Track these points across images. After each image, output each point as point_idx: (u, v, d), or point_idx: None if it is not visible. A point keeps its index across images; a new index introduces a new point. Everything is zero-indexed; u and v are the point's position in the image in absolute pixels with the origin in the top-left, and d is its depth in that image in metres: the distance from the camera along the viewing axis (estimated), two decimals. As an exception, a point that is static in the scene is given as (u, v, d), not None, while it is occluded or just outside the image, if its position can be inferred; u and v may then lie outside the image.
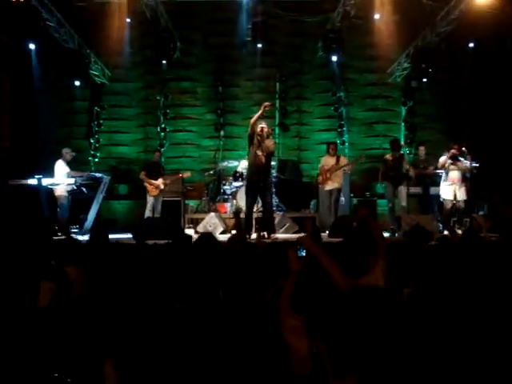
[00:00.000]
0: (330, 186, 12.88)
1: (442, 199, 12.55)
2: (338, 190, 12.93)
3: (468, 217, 12.65)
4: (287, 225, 12.97)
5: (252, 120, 10.75)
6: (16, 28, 13.50)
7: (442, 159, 12.49)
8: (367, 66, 16.52)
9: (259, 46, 15.35)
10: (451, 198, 12.30)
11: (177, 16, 15.37)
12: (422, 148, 14.24)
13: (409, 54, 15.35)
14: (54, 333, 3.20)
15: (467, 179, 12.49)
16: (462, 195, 12.29)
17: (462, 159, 12.41)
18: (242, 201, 12.83)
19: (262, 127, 10.81)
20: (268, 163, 11.02)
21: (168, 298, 3.56)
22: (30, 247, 5.53)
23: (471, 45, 14.94)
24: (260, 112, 10.60)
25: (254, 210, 11.32)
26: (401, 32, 15.19)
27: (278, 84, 16.56)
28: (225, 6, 15.52)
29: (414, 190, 13.66)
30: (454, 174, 12.29)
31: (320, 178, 13.08)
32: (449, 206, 12.33)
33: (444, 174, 12.48)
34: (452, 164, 12.33)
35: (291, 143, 16.71)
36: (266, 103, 10.69)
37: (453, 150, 12.38)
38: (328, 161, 13.05)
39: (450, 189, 12.31)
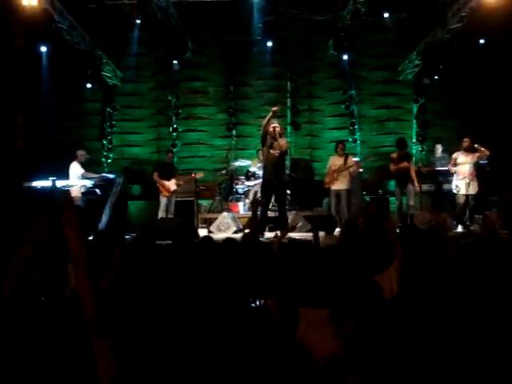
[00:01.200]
0: (337, 186, 12.82)
1: (455, 194, 12.53)
2: (348, 191, 12.85)
3: (480, 214, 12.64)
4: (300, 223, 13.00)
5: (264, 121, 10.81)
6: (28, 31, 13.59)
7: (456, 155, 12.48)
8: (378, 64, 16.51)
9: (270, 44, 15.36)
10: (464, 192, 12.28)
11: (187, 16, 15.40)
12: (438, 146, 14.27)
13: (420, 51, 15.35)
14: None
15: (479, 173, 12.47)
16: (473, 189, 12.25)
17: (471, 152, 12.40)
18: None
19: (274, 126, 10.87)
20: (282, 162, 11.08)
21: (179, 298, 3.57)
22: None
23: (482, 41, 14.89)
24: (270, 115, 10.66)
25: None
26: (411, 29, 15.21)
27: (288, 83, 16.58)
28: (236, 5, 15.55)
29: (426, 187, 13.69)
30: (466, 168, 12.26)
31: (327, 178, 13.03)
32: (461, 200, 12.31)
33: (456, 167, 12.44)
34: (464, 157, 12.30)
35: (303, 142, 16.72)
36: (275, 108, 10.72)
37: (466, 143, 12.39)
38: (336, 161, 13.01)
39: (463, 183, 12.29)
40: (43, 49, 14.17)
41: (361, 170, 14.23)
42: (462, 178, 12.30)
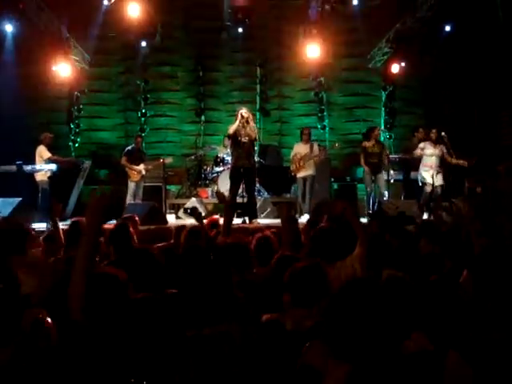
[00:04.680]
0: (303, 173, 12.91)
1: (420, 184, 12.65)
2: (313, 177, 12.96)
3: (447, 201, 12.77)
4: (268, 209, 13.05)
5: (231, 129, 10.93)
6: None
7: (423, 145, 12.56)
8: (348, 51, 16.49)
9: (240, 30, 15.31)
10: (430, 182, 12.39)
11: (157, -1, 15.23)
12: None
13: (389, 39, 15.39)
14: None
15: (444, 164, 12.57)
16: (439, 180, 12.38)
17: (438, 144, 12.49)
18: (222, 186, 12.92)
19: (243, 113, 10.87)
20: (251, 149, 11.09)
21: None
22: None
23: (452, 29, 14.94)
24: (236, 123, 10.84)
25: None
26: (381, 17, 15.23)
27: (258, 68, 16.53)
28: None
29: (395, 175, 13.79)
30: (432, 160, 12.36)
31: (293, 166, 13.06)
32: (428, 190, 12.43)
33: (422, 159, 12.54)
34: (432, 148, 12.39)
35: (272, 128, 16.73)
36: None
37: (434, 135, 12.47)
38: (301, 149, 13.04)
39: (428, 174, 12.39)
40: (8, 29, 13.87)
41: (326, 157, 14.29)
42: (428, 169, 12.40)
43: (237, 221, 10.89)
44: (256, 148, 13.62)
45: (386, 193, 13.13)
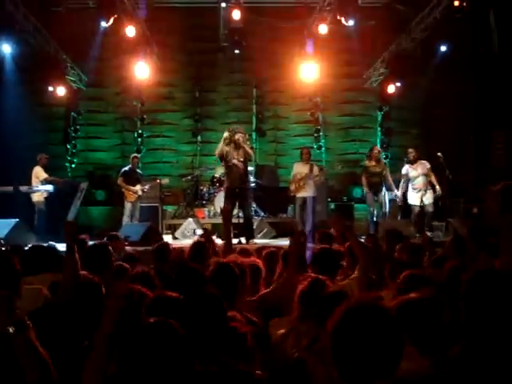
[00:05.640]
0: (303, 193, 12.78)
1: (409, 205, 12.67)
2: (314, 198, 12.84)
3: (444, 221, 12.77)
4: (265, 230, 13.02)
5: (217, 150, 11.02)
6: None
7: (405, 171, 12.64)
8: (343, 72, 16.56)
9: (237, 51, 15.36)
10: (418, 203, 12.40)
11: (154, 21, 15.30)
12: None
13: (384, 60, 15.47)
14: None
15: (441, 181, 12.57)
16: (428, 199, 12.39)
17: (423, 162, 12.55)
18: (219, 206, 12.91)
19: (237, 135, 10.90)
20: (245, 169, 11.08)
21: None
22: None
23: (447, 50, 15.01)
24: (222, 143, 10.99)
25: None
26: (376, 37, 15.32)
27: (254, 89, 16.59)
28: (202, 12, 15.54)
29: (392, 195, 13.80)
30: (419, 181, 12.40)
31: (293, 186, 12.92)
32: (416, 210, 12.46)
33: (410, 181, 12.57)
34: (414, 169, 12.45)
35: (268, 148, 16.76)
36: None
37: (412, 155, 12.55)
38: (301, 168, 12.90)
39: (417, 195, 12.41)
40: (6, 51, 13.90)
41: (326, 178, 14.25)
42: (417, 190, 12.42)
43: (233, 241, 10.90)
44: (252, 168, 13.64)
45: (387, 212, 13.10)
